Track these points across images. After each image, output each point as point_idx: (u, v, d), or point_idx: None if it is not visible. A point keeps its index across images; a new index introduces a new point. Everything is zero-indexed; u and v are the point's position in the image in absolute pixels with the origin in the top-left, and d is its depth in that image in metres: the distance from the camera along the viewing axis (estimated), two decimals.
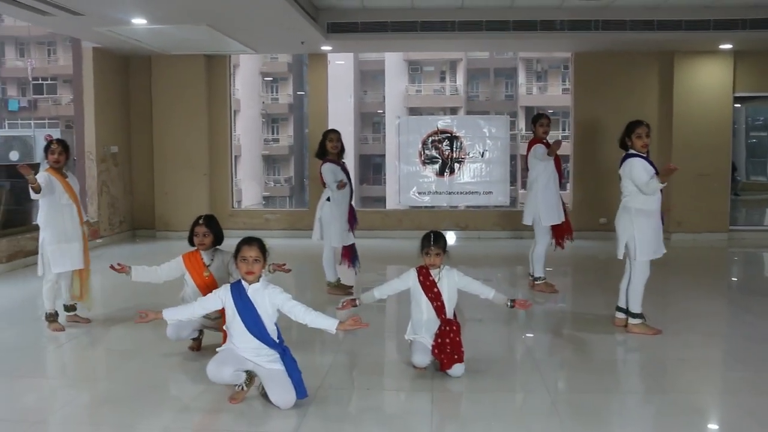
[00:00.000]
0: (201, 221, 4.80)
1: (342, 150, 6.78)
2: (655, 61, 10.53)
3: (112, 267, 4.66)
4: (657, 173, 5.08)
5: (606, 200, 10.55)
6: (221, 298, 3.93)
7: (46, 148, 5.53)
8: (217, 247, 4.89)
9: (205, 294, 4.67)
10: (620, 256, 5.37)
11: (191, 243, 4.83)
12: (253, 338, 3.84)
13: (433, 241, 4.37)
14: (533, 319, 6.18)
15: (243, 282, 3.90)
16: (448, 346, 4.28)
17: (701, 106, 10.41)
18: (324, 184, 6.73)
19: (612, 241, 10.22)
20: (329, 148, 6.68)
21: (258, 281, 3.89)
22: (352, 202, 6.95)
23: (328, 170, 6.64)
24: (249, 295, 3.85)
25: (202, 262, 4.81)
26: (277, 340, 3.93)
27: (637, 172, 5.12)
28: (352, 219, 6.85)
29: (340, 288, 6.86)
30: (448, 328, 4.34)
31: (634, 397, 4.18)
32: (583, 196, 10.78)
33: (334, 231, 6.67)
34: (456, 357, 4.28)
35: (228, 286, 3.94)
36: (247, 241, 3.89)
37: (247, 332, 3.84)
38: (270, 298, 3.87)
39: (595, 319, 5.80)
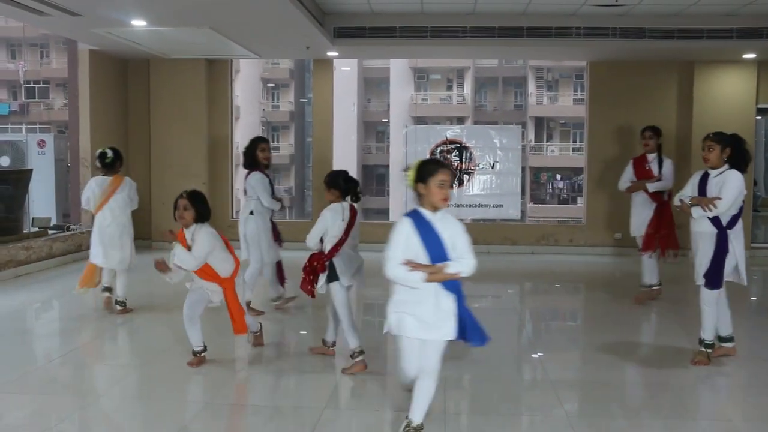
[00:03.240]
0: (184, 194, 4.76)
1: (270, 162, 6.46)
2: (674, 71, 10.51)
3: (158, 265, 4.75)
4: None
5: (621, 215, 10.50)
6: (405, 232, 3.39)
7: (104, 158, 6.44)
8: (202, 224, 4.78)
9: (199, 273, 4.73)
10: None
11: (175, 219, 4.81)
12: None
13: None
14: (543, 337, 6.14)
15: (421, 211, 3.45)
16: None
17: (722, 118, 10.35)
18: (246, 194, 6.41)
19: (627, 258, 10.21)
20: (261, 158, 6.32)
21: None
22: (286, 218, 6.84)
23: (260, 181, 6.25)
24: (435, 227, 3.40)
25: (185, 240, 4.78)
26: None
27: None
28: (276, 235, 6.59)
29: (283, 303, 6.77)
30: None
31: (658, 423, 4.12)
32: (597, 210, 10.75)
33: (265, 247, 6.39)
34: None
35: (407, 219, 3.44)
36: (442, 165, 3.49)
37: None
38: (453, 227, 3.45)
39: (607, 338, 5.74)
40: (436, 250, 3.37)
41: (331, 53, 10.17)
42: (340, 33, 9.18)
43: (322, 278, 4.72)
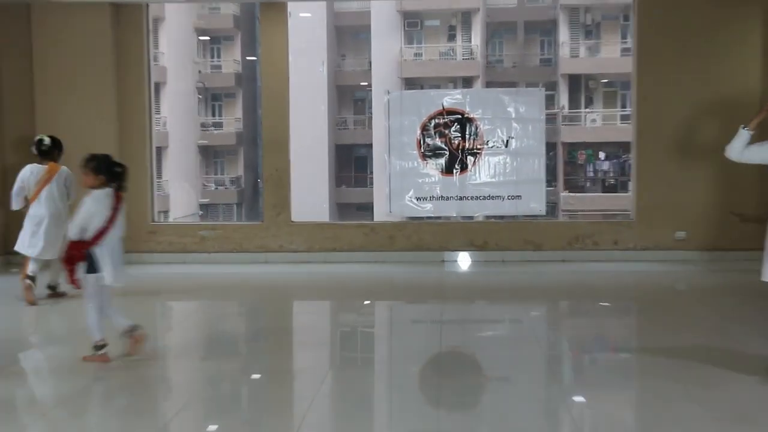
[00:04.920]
0: None
1: None
2: (758, 5, 10.45)
3: None
4: None
5: (683, 207, 10.44)
6: None
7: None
8: None
9: None
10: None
11: None
12: None
13: None
14: (582, 374, 6.05)
15: None
16: None
17: None
18: None
19: (694, 265, 10.11)
20: None
21: None
22: None
23: None
24: None
25: None
26: None
27: None
28: None
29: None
30: None
31: None
32: (651, 201, 10.65)
33: None
34: None
35: None
36: None
37: None
38: None
39: (668, 375, 5.63)
40: None
41: None
42: None
43: (81, 268, 5.71)
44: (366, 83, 33.76)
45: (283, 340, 7.03)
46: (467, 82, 32.59)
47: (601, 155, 33.55)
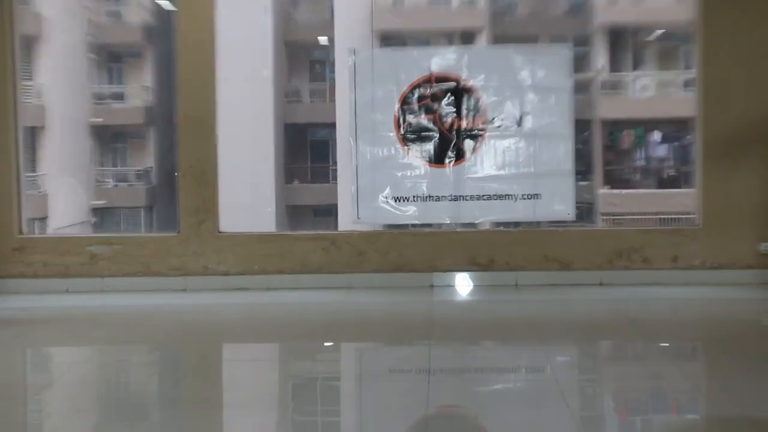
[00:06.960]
0: None
1: None
2: None
3: None
4: None
5: None
6: None
7: None
8: None
9: None
10: None
11: None
12: None
13: None
14: None
15: None
16: None
17: None
18: None
19: None
20: None
21: None
22: None
23: None
24: None
25: None
26: None
27: None
28: None
29: None
30: None
31: None
32: (722, 199, 10.68)
33: None
34: None
35: None
36: None
37: None
38: None
39: None
40: None
41: None
42: None
43: None
44: (326, 38, 33.84)
45: (208, 400, 6.95)
46: (467, 37, 32.54)
47: (656, 136, 33.67)
